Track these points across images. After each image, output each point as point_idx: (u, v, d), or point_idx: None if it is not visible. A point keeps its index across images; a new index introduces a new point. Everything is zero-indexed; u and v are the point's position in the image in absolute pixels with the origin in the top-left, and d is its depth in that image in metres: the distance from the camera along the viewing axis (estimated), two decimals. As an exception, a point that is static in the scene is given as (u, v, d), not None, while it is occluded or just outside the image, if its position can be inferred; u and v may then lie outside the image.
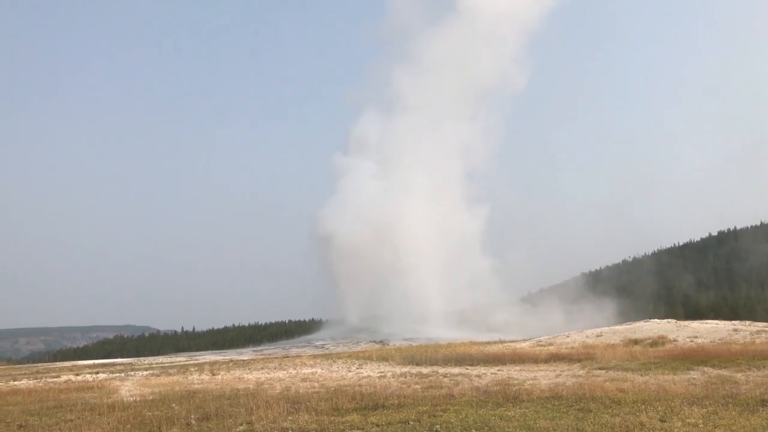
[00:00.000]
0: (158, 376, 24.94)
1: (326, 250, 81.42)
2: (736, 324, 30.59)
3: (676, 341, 26.43)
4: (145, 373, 27.21)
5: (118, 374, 27.43)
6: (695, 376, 15.57)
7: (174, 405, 14.49)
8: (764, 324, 30.80)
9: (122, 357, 63.61)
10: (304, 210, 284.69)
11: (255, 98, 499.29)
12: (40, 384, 23.86)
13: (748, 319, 38.20)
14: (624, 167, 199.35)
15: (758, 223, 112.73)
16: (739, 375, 15.49)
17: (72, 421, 13.06)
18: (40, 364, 54.88)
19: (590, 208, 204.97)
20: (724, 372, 16.23)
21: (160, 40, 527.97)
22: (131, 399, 16.68)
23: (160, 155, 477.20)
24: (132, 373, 27.81)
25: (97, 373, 29.26)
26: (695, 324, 31.11)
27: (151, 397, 16.80)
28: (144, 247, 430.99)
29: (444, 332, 55.66)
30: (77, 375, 28.13)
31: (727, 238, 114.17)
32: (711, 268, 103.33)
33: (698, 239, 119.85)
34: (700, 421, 9.59)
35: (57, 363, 55.66)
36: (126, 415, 13.12)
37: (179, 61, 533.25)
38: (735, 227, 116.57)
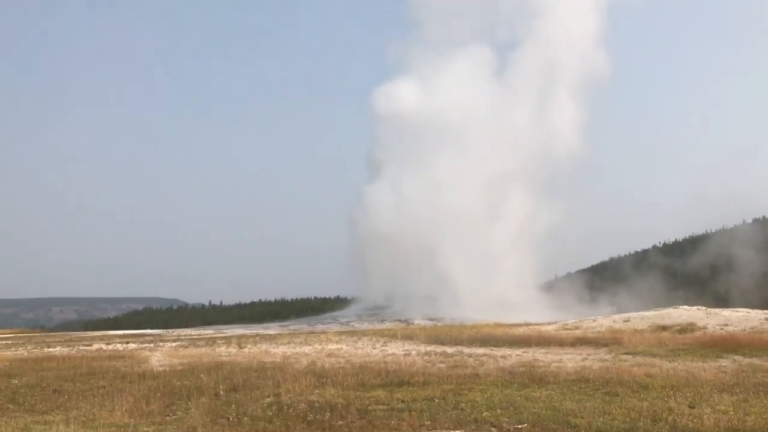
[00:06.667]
0: (186, 347, 25.41)
1: (355, 226, 79.36)
2: (768, 313, 30.00)
3: (706, 328, 26.04)
4: (173, 344, 27.74)
5: (147, 344, 28.01)
6: (725, 364, 15.34)
7: (202, 375, 14.78)
8: (797, 314, 30.12)
9: (151, 328, 64.81)
10: (335, 187, 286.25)
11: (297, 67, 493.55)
12: (74, 351, 24.50)
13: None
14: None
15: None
16: (770, 364, 15.22)
17: (104, 387, 13.42)
18: (72, 333, 56.30)
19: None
20: (755, 361, 15.95)
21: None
22: (161, 369, 17.05)
23: (192, 129, 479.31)
24: (161, 343, 28.37)
25: (127, 342, 29.92)
26: (726, 312, 30.58)
27: (180, 368, 17.15)
28: (174, 221, 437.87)
29: (476, 314, 54.37)
30: (108, 344, 28.80)
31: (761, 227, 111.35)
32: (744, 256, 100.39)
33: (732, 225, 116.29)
34: (731, 409, 9.46)
35: (88, 332, 57.08)
36: (156, 383, 13.43)
37: (187, 46, 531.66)
38: (764, 216, 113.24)
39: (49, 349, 26.01)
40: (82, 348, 26.55)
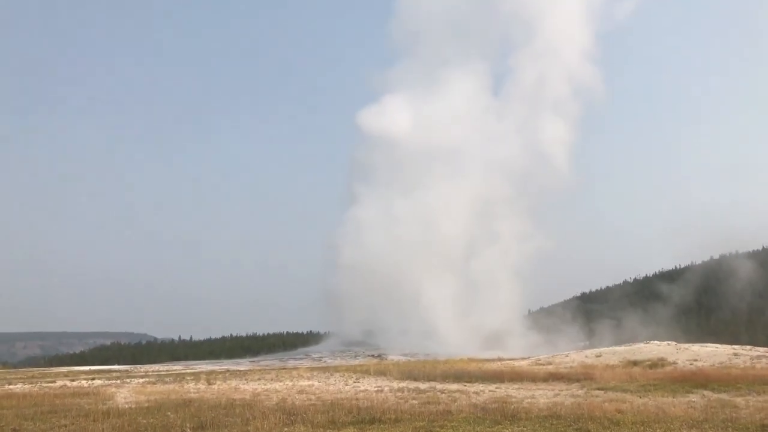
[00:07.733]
0: (154, 383, 24.81)
1: (334, 252, 76.67)
2: (737, 348, 30.42)
3: (676, 364, 26.29)
4: (141, 380, 27.08)
5: (114, 381, 27.30)
6: (695, 400, 15.46)
7: (169, 413, 14.40)
8: (765, 349, 30.61)
9: (119, 364, 63.22)
10: (311, 220, 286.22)
11: (260, 93, 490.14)
12: (36, 389, 23.74)
13: (749, 344, 37.97)
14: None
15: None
16: (738, 399, 15.37)
17: (66, 426, 12.98)
18: (36, 369, 54.62)
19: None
20: (723, 396, 16.11)
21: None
22: (126, 406, 16.59)
23: (163, 158, 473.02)
24: (128, 380, 27.68)
25: (93, 379, 29.13)
26: (695, 347, 30.93)
27: (146, 405, 16.71)
28: (144, 254, 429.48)
29: (452, 348, 52.99)
30: (73, 380, 27.99)
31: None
32: (713, 291, 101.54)
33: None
34: (700, 445, 9.51)
35: (53, 368, 55.42)
36: (121, 422, 13.03)
37: (179, 55, 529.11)
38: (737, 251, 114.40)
39: (10, 386, 25.15)
40: (44, 385, 25.75)
